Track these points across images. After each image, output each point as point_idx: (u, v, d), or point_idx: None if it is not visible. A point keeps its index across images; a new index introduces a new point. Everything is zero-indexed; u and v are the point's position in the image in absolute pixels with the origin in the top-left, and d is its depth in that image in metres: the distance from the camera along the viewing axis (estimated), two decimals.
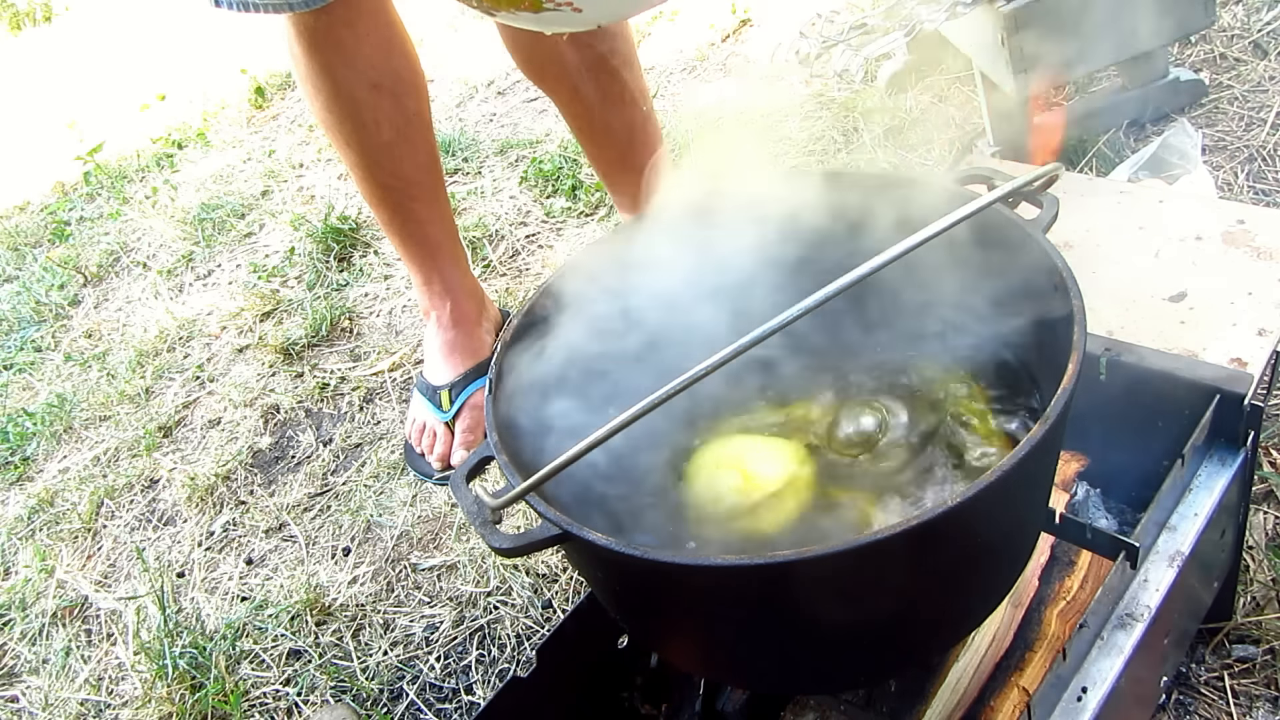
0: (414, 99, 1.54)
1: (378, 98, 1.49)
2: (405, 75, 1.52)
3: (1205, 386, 0.99)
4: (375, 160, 1.56)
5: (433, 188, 1.63)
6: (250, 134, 3.43)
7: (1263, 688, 1.15)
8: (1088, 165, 1.92)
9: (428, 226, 1.65)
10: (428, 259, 1.69)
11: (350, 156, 1.56)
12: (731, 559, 0.67)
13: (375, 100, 1.49)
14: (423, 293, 1.74)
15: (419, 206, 1.63)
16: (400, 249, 1.70)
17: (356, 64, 1.46)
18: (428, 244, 1.67)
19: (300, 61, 1.47)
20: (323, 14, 1.38)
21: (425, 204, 1.63)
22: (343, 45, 1.44)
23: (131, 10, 5.39)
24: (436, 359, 1.76)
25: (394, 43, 1.50)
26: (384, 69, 1.49)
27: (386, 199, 1.61)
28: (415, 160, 1.58)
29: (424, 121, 1.58)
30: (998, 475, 0.65)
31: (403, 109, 1.53)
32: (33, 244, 3.17)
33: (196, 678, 1.54)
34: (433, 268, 1.70)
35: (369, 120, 1.51)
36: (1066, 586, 1.02)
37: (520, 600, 1.52)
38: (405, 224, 1.64)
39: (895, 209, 0.92)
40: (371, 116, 1.51)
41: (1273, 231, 1.15)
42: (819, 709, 0.96)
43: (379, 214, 1.66)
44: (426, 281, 1.71)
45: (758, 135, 2.38)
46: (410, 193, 1.61)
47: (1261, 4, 2.17)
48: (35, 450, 2.20)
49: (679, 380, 0.67)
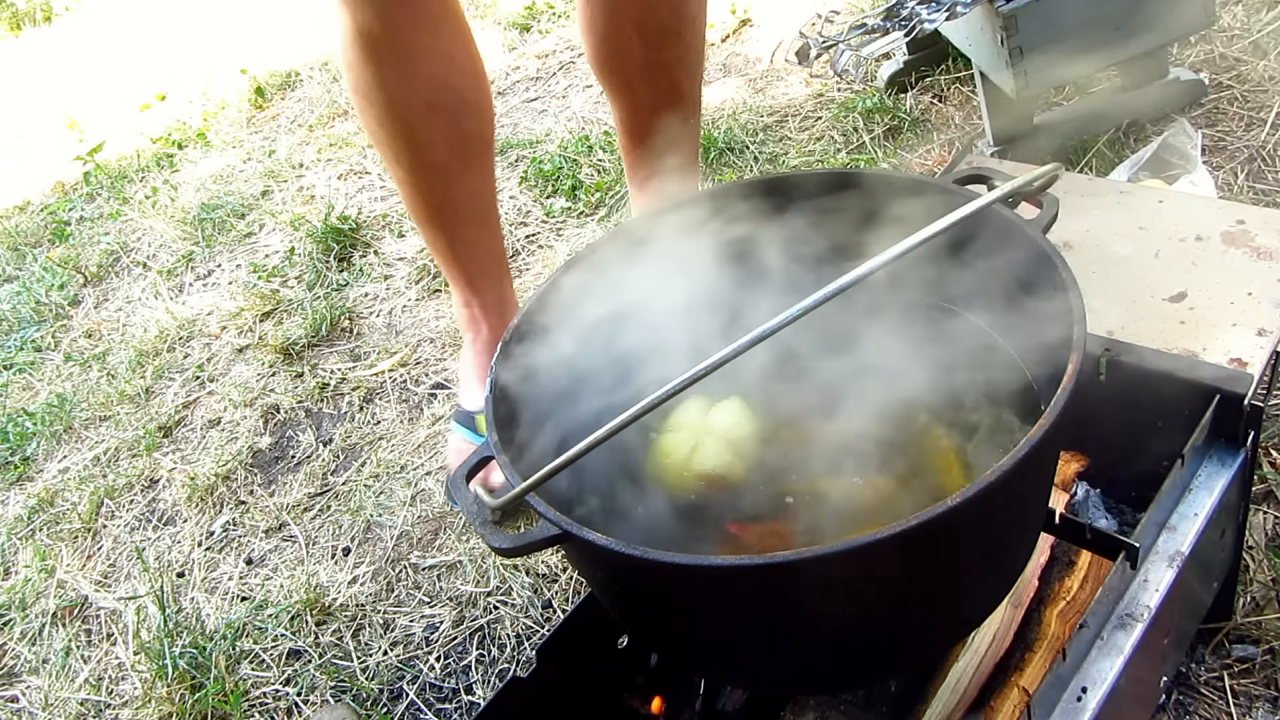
0: (474, 119, 1.44)
1: (433, 117, 1.39)
2: (467, 94, 1.42)
3: (1205, 386, 0.99)
4: (426, 180, 1.46)
5: (484, 211, 1.55)
6: (250, 134, 3.43)
7: (1262, 688, 1.15)
8: (1088, 165, 1.92)
9: (475, 250, 1.57)
10: (471, 283, 1.61)
11: (399, 173, 1.47)
12: (732, 559, 0.67)
13: (430, 120, 1.39)
14: (462, 314, 1.67)
15: (468, 230, 1.54)
16: (444, 268, 1.63)
17: (415, 80, 1.36)
18: (474, 267, 1.59)
19: (354, 70, 1.37)
20: (380, 19, 1.29)
21: (475, 228, 1.55)
22: (402, 57, 1.34)
23: (131, 10, 5.40)
24: (472, 384, 1.71)
25: (458, 58, 1.40)
26: (444, 86, 1.39)
27: (434, 219, 1.52)
28: (468, 182, 1.49)
29: (483, 142, 1.47)
30: (998, 475, 0.65)
31: (460, 130, 1.43)
32: (33, 244, 3.17)
33: (196, 678, 1.54)
34: (473, 292, 1.62)
35: (423, 140, 1.41)
36: (1066, 586, 1.02)
37: (520, 600, 1.52)
38: (453, 246, 1.56)
39: (895, 209, 0.92)
40: (426, 136, 1.41)
41: (1273, 231, 1.15)
42: (819, 709, 0.96)
43: (424, 233, 1.58)
44: (466, 304, 1.65)
45: (758, 135, 2.38)
46: (460, 215, 1.52)
47: (1261, 4, 2.17)
48: (35, 450, 2.20)
49: (679, 380, 0.68)
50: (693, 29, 1.59)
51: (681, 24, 1.57)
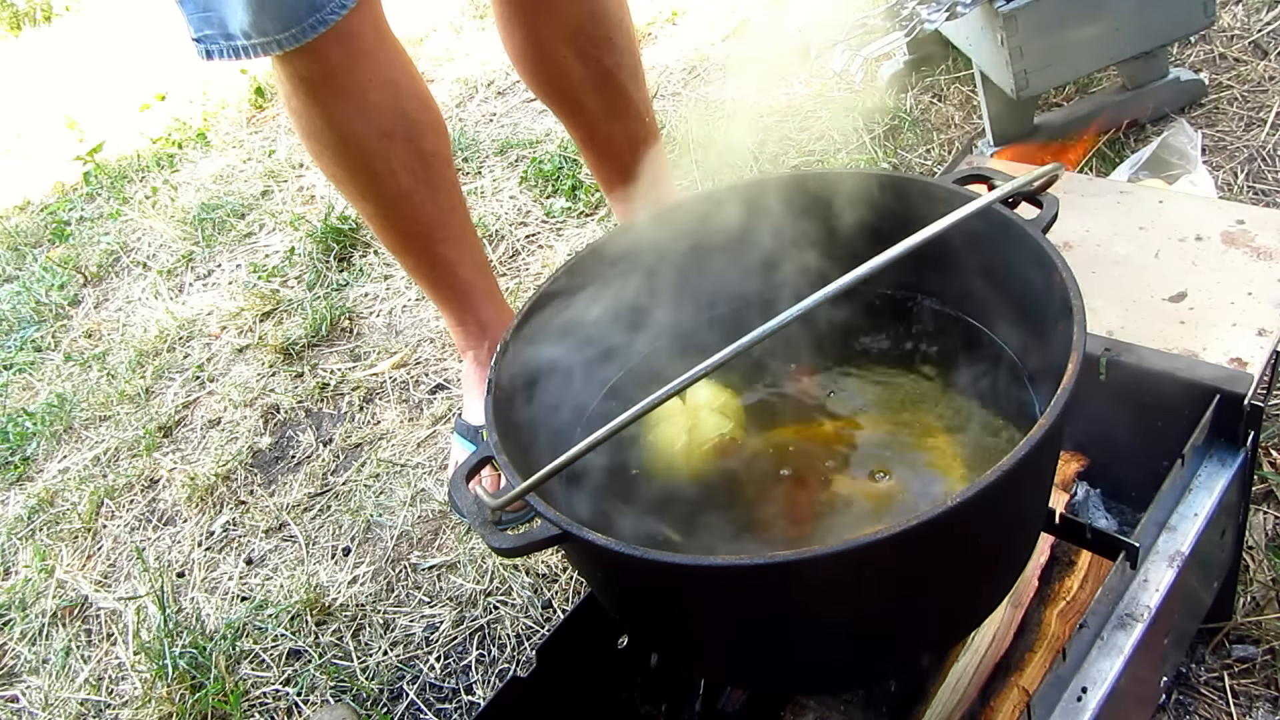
0: (430, 138, 1.42)
1: (390, 145, 1.37)
2: (418, 116, 1.40)
3: (1205, 386, 0.99)
4: (394, 209, 1.44)
5: (459, 227, 1.52)
6: (250, 134, 3.43)
7: (1263, 688, 1.15)
8: (1088, 165, 1.92)
9: (458, 268, 1.54)
10: (461, 300, 1.58)
11: (366, 208, 1.46)
12: (731, 559, 0.67)
13: (388, 148, 1.37)
14: (457, 333, 1.65)
15: (446, 249, 1.51)
16: (430, 294, 1.61)
17: (366, 113, 1.33)
18: (459, 286, 1.56)
19: (301, 116, 1.35)
20: (317, 61, 1.26)
21: (453, 245, 1.52)
22: (349, 93, 1.31)
23: (131, 10, 5.40)
24: (476, 399, 1.69)
25: (401, 82, 1.37)
26: (395, 113, 1.36)
27: (410, 246, 1.50)
28: (437, 203, 1.46)
29: (443, 160, 1.46)
30: (998, 475, 0.65)
31: (418, 152, 1.40)
32: (33, 244, 3.17)
33: (196, 678, 1.54)
34: (467, 309, 1.59)
35: (383, 170, 1.39)
36: (1066, 586, 1.02)
37: (520, 600, 1.52)
38: (433, 269, 1.53)
39: (895, 210, 0.92)
40: (386, 166, 1.38)
41: (1273, 231, 1.15)
42: (819, 709, 0.96)
43: (403, 262, 1.55)
44: (461, 323, 1.62)
45: (758, 135, 2.38)
46: (435, 236, 1.49)
47: (1261, 4, 2.17)
48: (35, 450, 2.20)
49: (678, 381, 0.68)
50: (621, 31, 1.59)
51: (610, 30, 1.57)
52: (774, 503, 0.88)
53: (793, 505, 0.88)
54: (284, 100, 1.36)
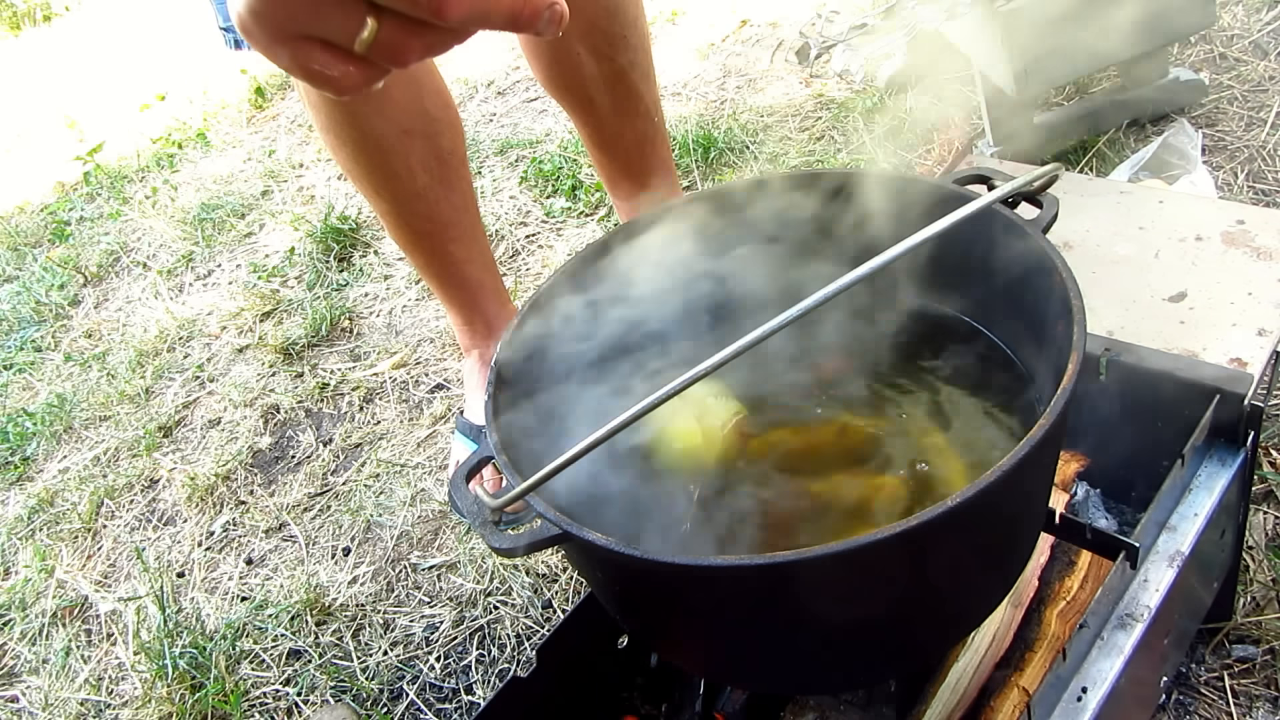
0: (448, 137, 1.43)
1: (409, 143, 1.38)
2: (438, 114, 1.41)
3: (1205, 386, 0.99)
4: (409, 207, 1.45)
5: (470, 226, 1.53)
6: (250, 134, 3.43)
7: (1263, 688, 1.15)
8: (1088, 165, 1.92)
9: (466, 266, 1.56)
10: (468, 300, 1.60)
11: (381, 205, 1.47)
12: (731, 559, 0.67)
13: (406, 146, 1.38)
14: (463, 332, 1.65)
15: (456, 247, 1.53)
16: (438, 291, 1.61)
17: (385, 110, 1.34)
18: (468, 285, 1.58)
19: (320, 111, 1.35)
20: None
21: (463, 244, 1.53)
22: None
23: (131, 10, 5.40)
24: (478, 398, 1.68)
25: (424, 80, 1.38)
26: (414, 110, 1.37)
27: (421, 244, 1.52)
28: (451, 201, 1.47)
29: (459, 158, 1.47)
30: (998, 475, 0.65)
31: (436, 150, 1.42)
32: (33, 244, 3.17)
33: (196, 678, 1.54)
34: (474, 308, 1.61)
35: (400, 168, 1.40)
36: (1066, 586, 1.02)
37: (520, 600, 1.52)
38: (443, 267, 1.55)
39: (895, 210, 0.92)
40: (404, 164, 1.39)
41: (1273, 231, 1.15)
42: (819, 709, 0.96)
43: (413, 258, 1.57)
44: (468, 322, 1.63)
45: (758, 135, 2.38)
46: (448, 234, 1.51)
47: (1261, 4, 2.17)
48: (35, 450, 2.20)
49: (678, 381, 0.67)
50: (636, 30, 1.59)
51: (625, 28, 1.57)
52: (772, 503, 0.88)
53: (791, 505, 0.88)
54: (303, 94, 1.36)
